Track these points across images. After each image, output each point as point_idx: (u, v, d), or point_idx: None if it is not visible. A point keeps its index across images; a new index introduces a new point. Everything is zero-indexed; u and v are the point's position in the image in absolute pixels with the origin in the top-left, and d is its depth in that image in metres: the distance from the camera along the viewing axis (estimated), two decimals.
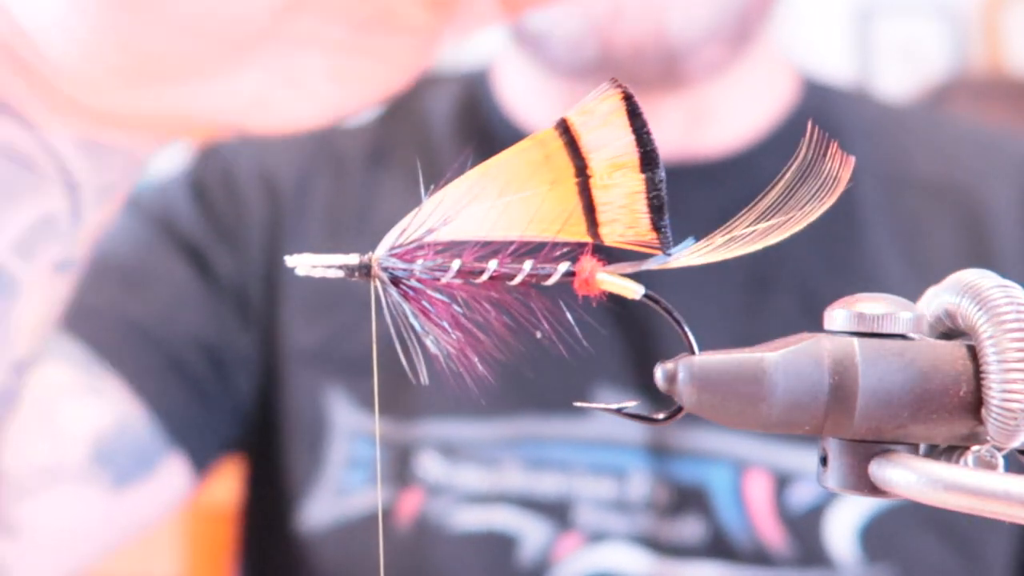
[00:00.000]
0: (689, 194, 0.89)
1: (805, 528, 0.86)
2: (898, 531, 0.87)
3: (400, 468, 0.90)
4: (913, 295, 0.42)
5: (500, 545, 0.87)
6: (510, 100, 0.98)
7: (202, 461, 0.91)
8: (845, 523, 0.87)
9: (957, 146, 0.98)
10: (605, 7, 0.85)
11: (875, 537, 0.86)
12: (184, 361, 0.90)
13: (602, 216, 0.41)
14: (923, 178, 0.95)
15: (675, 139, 0.93)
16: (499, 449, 0.89)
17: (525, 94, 0.97)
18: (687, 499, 0.87)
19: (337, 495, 0.91)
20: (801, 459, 0.87)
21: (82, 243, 0.65)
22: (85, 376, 0.85)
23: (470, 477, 0.89)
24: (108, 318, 0.88)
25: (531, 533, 0.88)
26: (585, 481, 0.88)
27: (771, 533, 0.87)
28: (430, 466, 0.90)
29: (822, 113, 0.96)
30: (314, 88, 0.63)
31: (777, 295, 0.91)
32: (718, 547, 0.86)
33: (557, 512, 0.88)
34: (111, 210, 0.65)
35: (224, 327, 0.93)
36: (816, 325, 0.41)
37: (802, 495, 0.87)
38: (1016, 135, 1.05)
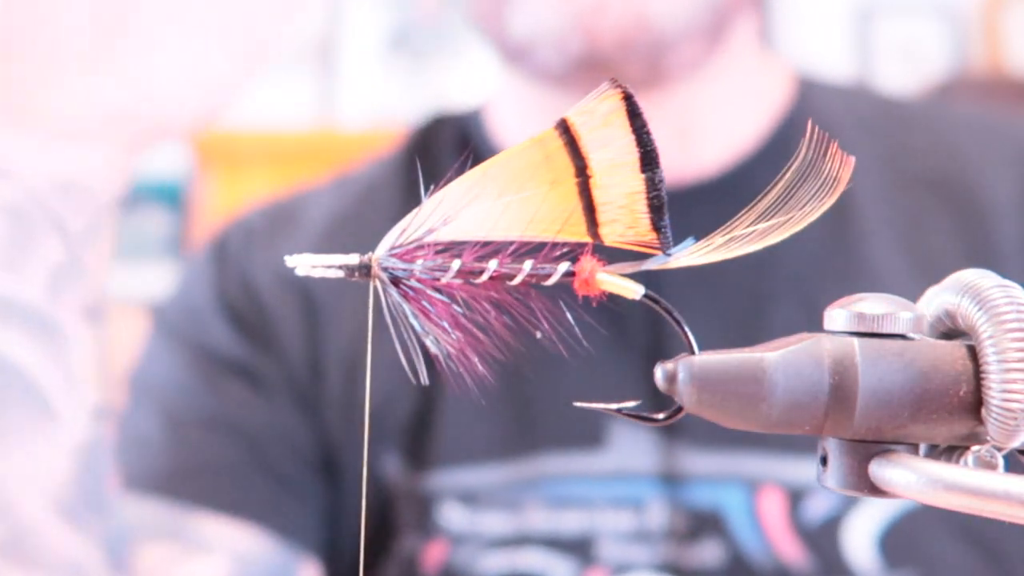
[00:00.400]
0: (685, 216, 0.88)
1: (823, 541, 0.85)
2: (918, 536, 0.86)
3: (423, 519, 0.90)
4: (914, 294, 0.42)
5: None
6: (501, 134, 0.98)
7: (322, 554, 0.93)
8: (863, 532, 0.86)
9: (957, 139, 0.97)
10: (588, 2, 0.86)
11: (894, 544, 0.85)
12: (283, 473, 0.92)
13: (602, 216, 0.41)
14: (923, 174, 0.95)
15: (665, 161, 0.92)
16: (519, 491, 0.89)
17: (515, 124, 0.97)
18: (703, 524, 0.87)
19: (404, 560, 0.91)
20: (812, 472, 0.87)
21: (94, 291, 0.70)
22: (180, 545, 0.88)
23: (493, 522, 0.89)
24: (203, 470, 0.90)
25: (556, 572, 0.87)
26: (605, 515, 0.87)
27: (789, 549, 0.86)
28: (452, 516, 0.89)
29: (817, 113, 0.95)
30: (212, 68, 0.71)
31: (774, 300, 0.90)
32: (738, 569, 0.86)
33: (581, 549, 0.87)
34: (102, 258, 0.71)
35: (293, 425, 0.94)
36: (815, 328, 0.41)
37: (817, 508, 0.86)
38: (1017, 121, 1.03)
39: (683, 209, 0.88)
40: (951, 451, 0.40)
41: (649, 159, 0.40)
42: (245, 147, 2.49)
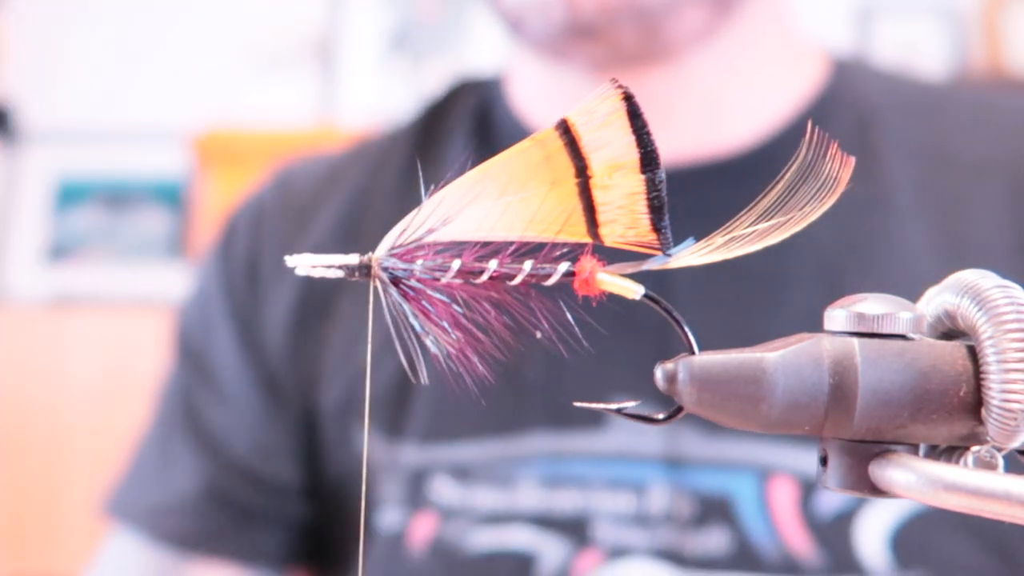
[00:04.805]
0: (704, 194, 0.84)
1: (833, 535, 0.83)
2: (930, 535, 0.83)
3: (413, 493, 0.88)
4: None
5: (517, 565, 0.85)
6: (518, 104, 0.96)
7: (303, 553, 0.96)
8: (875, 528, 0.83)
9: (1000, 120, 0.94)
10: None
11: (906, 542, 0.83)
12: (247, 499, 0.94)
13: (602, 216, 0.41)
14: (966, 156, 0.91)
15: (688, 138, 0.90)
16: (513, 468, 0.87)
17: (527, 95, 0.96)
18: (710, 510, 0.84)
19: (389, 536, 0.90)
20: None
21: None
22: None
23: (485, 498, 0.87)
24: (183, 508, 0.93)
25: (548, 551, 0.85)
26: (602, 497, 0.85)
27: (798, 541, 0.83)
28: (443, 490, 0.88)
29: (852, 94, 0.92)
30: None
31: (796, 289, 0.86)
32: (744, 558, 0.83)
33: (575, 529, 0.85)
34: None
35: (269, 426, 0.96)
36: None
37: (830, 501, 0.84)
38: None
39: (703, 186, 0.87)
40: (951, 451, 0.40)
41: (649, 160, 0.40)
42: (245, 146, 2.49)
